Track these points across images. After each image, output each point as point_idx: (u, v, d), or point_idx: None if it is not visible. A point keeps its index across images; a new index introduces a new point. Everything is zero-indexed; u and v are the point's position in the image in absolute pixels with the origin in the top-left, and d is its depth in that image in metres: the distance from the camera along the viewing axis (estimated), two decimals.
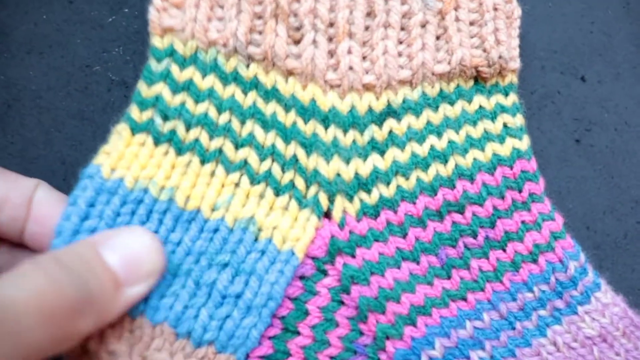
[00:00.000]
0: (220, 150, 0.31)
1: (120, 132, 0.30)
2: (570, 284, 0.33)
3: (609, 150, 0.38)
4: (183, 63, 0.31)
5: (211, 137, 0.31)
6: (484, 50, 0.33)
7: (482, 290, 0.32)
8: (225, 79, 0.31)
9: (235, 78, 0.31)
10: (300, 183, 0.31)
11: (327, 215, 0.32)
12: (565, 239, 0.33)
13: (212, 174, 0.31)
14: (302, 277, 0.31)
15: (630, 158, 0.38)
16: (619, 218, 0.37)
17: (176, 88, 0.31)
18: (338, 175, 0.31)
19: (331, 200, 0.32)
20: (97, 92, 0.35)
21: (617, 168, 0.38)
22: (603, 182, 0.37)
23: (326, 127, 0.31)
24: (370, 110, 0.32)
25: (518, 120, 0.34)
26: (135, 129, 0.30)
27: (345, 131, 0.31)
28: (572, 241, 0.34)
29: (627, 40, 0.38)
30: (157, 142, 0.30)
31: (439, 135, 0.33)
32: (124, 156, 0.30)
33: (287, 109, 0.31)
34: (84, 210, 0.28)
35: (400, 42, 0.32)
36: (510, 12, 0.34)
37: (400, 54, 0.32)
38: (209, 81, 0.31)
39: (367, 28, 0.32)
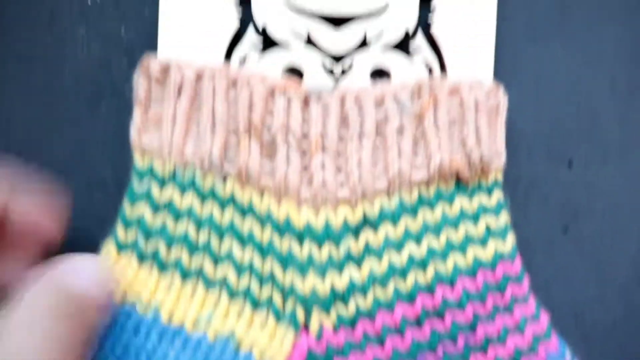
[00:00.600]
0: (200, 269, 0.32)
1: (108, 249, 0.32)
2: None
3: (597, 236, 0.38)
4: (162, 182, 0.32)
5: (191, 255, 0.32)
6: (465, 151, 0.33)
7: None
8: (203, 197, 0.32)
9: (213, 195, 0.32)
10: (277, 298, 0.32)
11: (305, 327, 0.32)
12: (549, 340, 0.34)
13: (194, 290, 0.32)
14: None
15: (619, 243, 0.38)
16: (608, 307, 0.37)
17: (157, 208, 0.32)
18: (314, 290, 0.32)
19: (308, 314, 0.32)
20: (76, 194, 0.36)
21: (606, 254, 0.38)
22: (591, 270, 0.38)
23: (301, 243, 0.32)
24: (345, 223, 0.32)
25: (502, 220, 0.34)
26: (121, 247, 0.32)
27: (320, 246, 0.32)
28: (558, 341, 0.34)
29: (613, 119, 0.38)
30: (141, 260, 0.32)
31: (418, 241, 0.33)
32: (112, 273, 0.31)
33: (263, 225, 0.32)
34: None
35: (377, 149, 0.32)
36: (494, 105, 0.34)
37: (375, 162, 0.32)
38: (188, 200, 0.32)
39: (341, 139, 0.32)
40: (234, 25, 0.34)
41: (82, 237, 0.36)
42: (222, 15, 0.34)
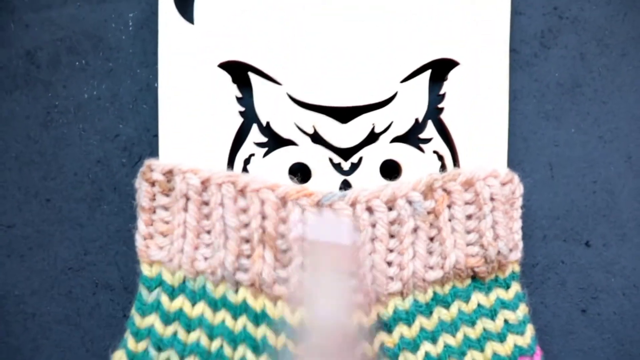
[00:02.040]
0: None
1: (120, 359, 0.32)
2: None
3: (617, 316, 0.38)
4: (172, 292, 0.32)
5: None
6: (481, 246, 0.33)
7: None
8: (214, 306, 0.32)
9: (225, 304, 0.32)
10: None
11: None
12: None
13: None
14: None
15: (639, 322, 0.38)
16: None
17: (167, 319, 0.32)
18: None
19: None
20: (82, 296, 0.36)
21: (627, 334, 0.38)
22: (612, 351, 0.38)
23: None
24: (359, 327, 0.32)
25: (520, 313, 0.34)
26: (133, 359, 0.32)
27: None
28: None
29: (631, 196, 0.38)
30: None
31: (434, 340, 0.33)
32: None
33: (277, 332, 0.32)
34: None
35: (390, 251, 0.32)
36: (510, 192, 0.34)
37: (390, 264, 0.32)
38: (199, 309, 0.32)
39: (354, 244, 0.32)
40: (237, 121, 0.34)
41: (90, 340, 0.36)
42: (225, 110, 0.34)
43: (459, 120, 0.34)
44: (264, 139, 0.34)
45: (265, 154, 0.34)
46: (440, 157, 0.34)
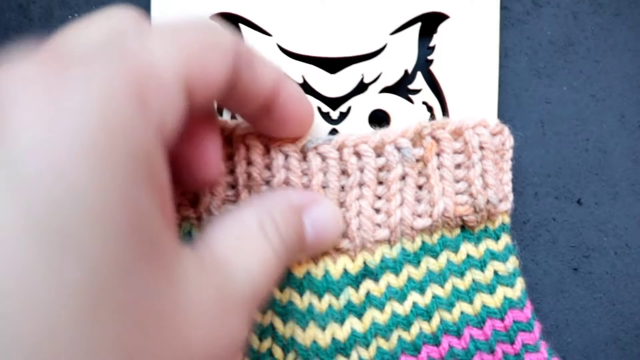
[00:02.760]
0: None
1: None
2: None
3: (609, 276, 0.38)
4: None
5: None
6: (470, 196, 0.33)
7: None
8: None
9: None
10: (277, 352, 0.32)
11: None
12: None
13: None
14: None
15: (632, 282, 0.38)
16: (623, 348, 0.37)
17: None
18: (314, 341, 0.32)
19: None
20: None
21: (619, 294, 0.38)
22: (604, 311, 0.38)
23: (301, 294, 0.32)
24: (345, 273, 0.32)
25: (510, 265, 0.34)
26: None
27: (320, 297, 0.32)
28: None
29: (624, 155, 0.38)
30: None
31: (422, 291, 0.33)
32: None
33: None
34: None
35: (378, 198, 0.33)
36: (500, 144, 0.34)
37: (377, 210, 0.32)
38: None
39: (342, 188, 0.32)
40: None
41: None
42: None
43: (449, 72, 0.35)
44: None
45: None
46: (430, 108, 0.35)
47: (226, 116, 0.34)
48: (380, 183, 0.32)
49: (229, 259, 0.25)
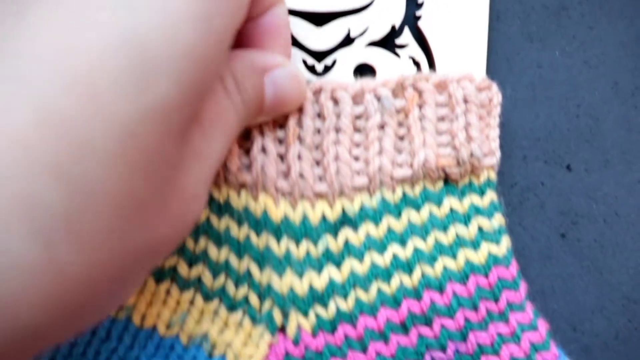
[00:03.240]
0: (174, 269, 0.32)
1: None
2: None
3: (597, 244, 0.37)
4: None
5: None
6: (453, 148, 0.33)
7: None
8: None
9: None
10: (253, 298, 0.32)
11: (282, 330, 0.32)
12: (548, 350, 0.33)
13: (167, 292, 0.32)
14: None
15: (620, 252, 0.37)
16: (609, 317, 0.37)
17: None
18: (291, 289, 0.32)
19: (285, 316, 0.32)
20: None
21: (607, 263, 0.37)
22: (591, 279, 0.37)
23: (278, 239, 0.32)
24: (324, 219, 0.32)
25: (496, 222, 0.34)
26: None
27: (297, 242, 0.32)
28: (557, 351, 0.33)
29: (615, 123, 0.38)
30: None
31: (403, 243, 0.33)
32: None
33: (239, 222, 0.32)
34: None
35: (357, 146, 0.33)
36: (487, 100, 0.34)
37: (356, 158, 0.32)
38: None
39: (318, 132, 0.32)
40: None
41: None
42: None
43: (437, 30, 0.35)
44: None
45: None
46: (417, 63, 0.35)
47: None
48: (359, 131, 0.32)
49: None
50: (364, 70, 0.34)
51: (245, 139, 0.31)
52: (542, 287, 0.36)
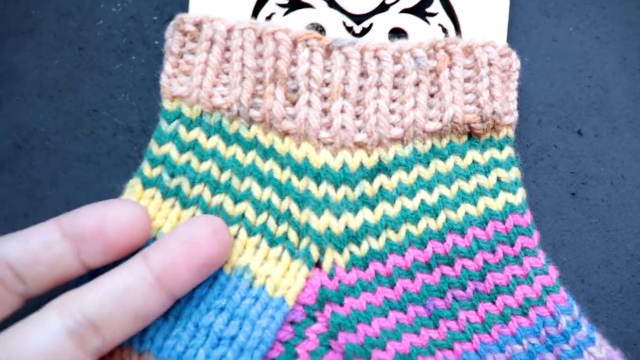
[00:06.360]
0: (220, 205, 0.35)
1: (133, 186, 0.35)
2: (561, 338, 0.35)
3: (604, 203, 0.41)
4: (189, 125, 0.36)
5: (213, 194, 0.35)
6: (478, 106, 0.37)
7: (469, 340, 0.36)
8: (228, 140, 0.35)
9: (237, 139, 0.35)
10: (293, 235, 0.36)
11: (318, 265, 0.36)
12: (558, 293, 0.36)
13: None
14: (292, 323, 0.35)
15: (626, 212, 0.41)
16: (615, 272, 0.41)
17: (182, 148, 0.35)
18: (328, 228, 0.36)
19: (322, 252, 0.35)
20: (103, 137, 0.40)
21: (613, 222, 0.41)
22: (598, 236, 0.41)
23: (318, 184, 0.35)
24: (361, 166, 0.36)
25: (513, 174, 0.38)
26: (146, 183, 0.35)
27: (336, 187, 0.36)
28: (566, 295, 0.36)
29: (624, 95, 0.42)
30: (164, 196, 0.35)
31: (430, 190, 0.37)
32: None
33: (282, 166, 0.36)
34: None
35: (394, 100, 0.36)
36: (507, 65, 0.37)
37: (392, 112, 0.36)
38: (213, 142, 0.36)
39: (360, 88, 0.36)
40: None
41: (106, 177, 0.40)
42: None
43: (464, 1, 0.39)
44: (285, 1, 0.38)
45: (285, 14, 0.38)
46: (445, 30, 0.39)
47: (261, 18, 0.38)
48: (396, 87, 0.36)
49: None
50: (397, 33, 0.38)
51: (293, 91, 0.35)
52: (553, 241, 0.40)
